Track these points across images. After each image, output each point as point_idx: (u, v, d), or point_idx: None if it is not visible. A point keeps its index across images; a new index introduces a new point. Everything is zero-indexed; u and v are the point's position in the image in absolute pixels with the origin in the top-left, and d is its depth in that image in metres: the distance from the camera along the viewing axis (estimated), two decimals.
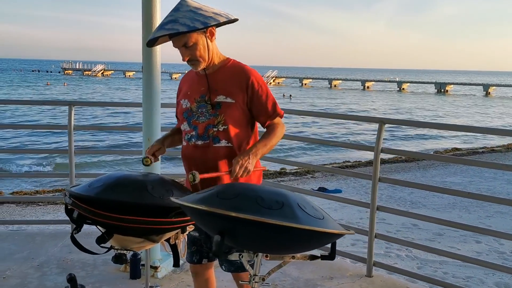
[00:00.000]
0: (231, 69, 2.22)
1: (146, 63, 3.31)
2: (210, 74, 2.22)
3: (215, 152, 2.14)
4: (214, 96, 2.17)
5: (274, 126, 2.23)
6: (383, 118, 3.40)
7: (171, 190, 1.85)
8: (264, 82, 2.24)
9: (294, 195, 1.49)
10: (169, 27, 2.02)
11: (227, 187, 1.58)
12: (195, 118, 2.21)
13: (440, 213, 9.03)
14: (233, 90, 2.16)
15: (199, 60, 2.14)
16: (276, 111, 2.23)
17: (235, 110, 2.16)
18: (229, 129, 2.16)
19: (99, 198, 1.73)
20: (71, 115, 4.06)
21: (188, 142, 2.24)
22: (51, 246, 3.94)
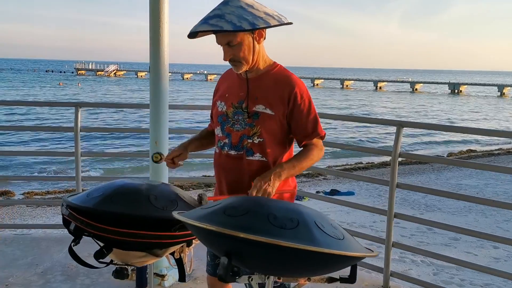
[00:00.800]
0: (275, 76, 2.03)
1: (154, 62, 3.17)
2: (252, 79, 2.03)
3: (248, 165, 1.99)
4: (252, 105, 1.99)
5: (310, 147, 2.03)
6: (401, 121, 3.23)
7: (176, 201, 1.71)
8: (309, 96, 2.04)
9: (311, 211, 1.33)
10: (213, 22, 1.83)
11: (236, 201, 1.42)
12: (230, 125, 2.04)
13: (456, 217, 8.79)
14: (274, 100, 1.98)
15: (242, 62, 1.96)
16: (316, 130, 2.02)
17: (274, 123, 1.99)
18: (264, 143, 1.99)
19: (97, 210, 1.59)
20: (77, 116, 3.94)
21: (221, 150, 2.09)
22: (56, 251, 3.83)
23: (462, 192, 10.91)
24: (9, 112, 27.36)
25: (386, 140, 23.04)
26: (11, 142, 18.53)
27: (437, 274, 5.55)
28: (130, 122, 25.52)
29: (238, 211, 1.27)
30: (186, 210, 1.69)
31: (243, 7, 1.86)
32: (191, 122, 24.79)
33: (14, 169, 13.90)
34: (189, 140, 2.27)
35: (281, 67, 2.08)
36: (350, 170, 14.52)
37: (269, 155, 2.00)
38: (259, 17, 1.86)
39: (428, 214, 8.99)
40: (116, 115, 28.22)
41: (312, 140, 2.03)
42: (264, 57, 2.03)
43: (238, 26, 1.81)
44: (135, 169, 13.20)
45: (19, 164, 14.25)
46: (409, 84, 72.29)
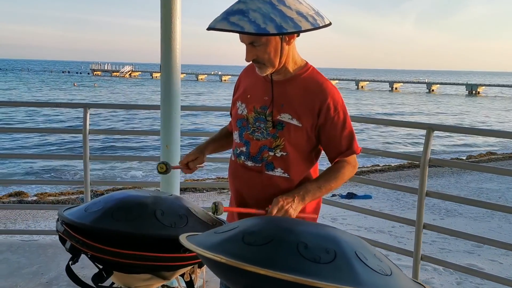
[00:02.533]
0: (306, 82, 1.76)
1: (165, 62, 2.96)
2: (279, 82, 1.77)
3: (268, 180, 1.74)
4: (277, 113, 1.73)
5: (342, 165, 1.78)
6: (431, 124, 2.97)
7: (186, 217, 1.48)
8: (344, 108, 1.76)
9: (349, 238, 1.09)
10: (234, 20, 1.53)
11: (257, 225, 1.17)
12: (250, 131, 1.79)
13: (478, 223, 8.47)
14: (302, 110, 1.72)
15: (266, 65, 1.69)
16: (351, 148, 1.77)
17: (300, 137, 1.74)
18: (288, 158, 1.74)
19: (95, 228, 1.38)
20: (86, 117, 3.76)
21: (237, 158, 1.84)
22: (63, 259, 3.61)
23: (483, 196, 10.56)
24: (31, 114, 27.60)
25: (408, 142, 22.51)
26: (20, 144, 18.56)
27: (461, 283, 5.26)
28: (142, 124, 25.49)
29: (259, 238, 1.02)
30: (197, 227, 1.48)
31: (273, 2, 1.56)
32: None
33: (21, 168, 13.86)
34: (206, 142, 2.03)
35: (314, 70, 1.81)
36: (367, 173, 14.23)
37: (292, 171, 1.76)
38: (289, 17, 1.55)
39: (449, 220, 8.67)
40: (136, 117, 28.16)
41: (346, 158, 1.79)
42: (294, 58, 1.77)
43: (262, 28, 1.51)
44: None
45: (28, 165, 14.20)
46: (426, 85, 71.31)
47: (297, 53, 1.78)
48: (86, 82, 70.14)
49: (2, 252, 3.75)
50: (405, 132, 24.17)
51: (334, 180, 1.74)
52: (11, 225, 8.34)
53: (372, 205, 9.69)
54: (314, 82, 1.76)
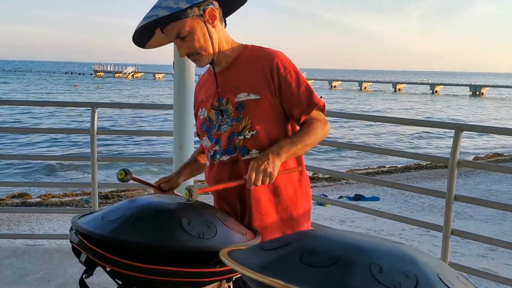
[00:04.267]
0: (249, 56, 1.73)
1: (178, 58, 2.81)
2: (223, 70, 1.75)
3: (246, 168, 1.63)
4: (233, 96, 1.69)
5: (310, 121, 1.70)
6: (460, 123, 2.81)
7: (214, 226, 1.32)
8: (293, 65, 1.71)
9: (427, 258, 0.92)
10: (149, 14, 1.57)
11: (316, 241, 0.96)
12: (216, 128, 1.74)
13: (489, 225, 8.32)
14: (255, 82, 1.68)
15: (201, 53, 1.67)
16: (312, 101, 1.70)
17: (263, 108, 1.67)
18: (259, 135, 1.67)
19: (114, 239, 1.22)
20: (94, 117, 3.62)
21: (212, 160, 1.75)
22: (70, 265, 3.49)
23: (493, 198, 10.39)
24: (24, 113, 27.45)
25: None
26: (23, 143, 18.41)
27: None
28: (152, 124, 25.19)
29: (322, 258, 0.84)
30: (228, 238, 1.32)
31: None
32: None
33: (25, 168, 13.72)
34: (180, 167, 1.96)
35: (254, 46, 1.77)
36: (373, 174, 14.06)
37: (268, 147, 1.65)
38: None
39: (460, 222, 8.50)
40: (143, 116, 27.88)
41: (311, 114, 1.70)
42: (229, 42, 1.75)
43: (175, 8, 1.54)
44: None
45: (33, 165, 14.06)
46: (429, 86, 71.04)
47: (231, 38, 1.76)
48: (89, 83, 70.04)
49: (7, 258, 3.60)
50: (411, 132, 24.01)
51: (306, 135, 1.65)
52: (15, 227, 8.19)
53: (380, 207, 9.52)
54: (257, 52, 1.74)
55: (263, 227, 1.64)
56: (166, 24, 1.61)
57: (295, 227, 1.74)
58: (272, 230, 1.69)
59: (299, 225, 1.76)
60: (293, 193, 1.75)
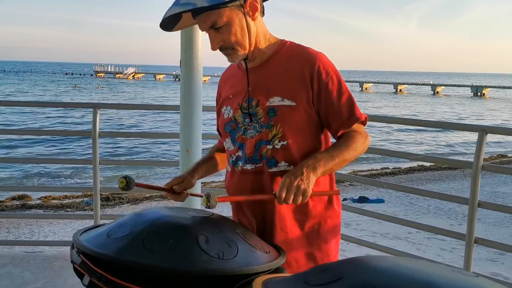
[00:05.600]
0: (287, 55, 1.54)
1: (185, 56, 2.65)
2: (256, 67, 1.56)
3: (272, 180, 1.48)
4: (265, 99, 1.50)
5: (351, 134, 1.52)
6: (484, 126, 2.65)
7: (235, 244, 1.16)
8: (336, 71, 1.52)
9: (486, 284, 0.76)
10: (184, 1, 1.39)
11: (373, 273, 0.78)
12: (241, 132, 1.56)
13: (498, 229, 8.18)
14: (291, 86, 1.49)
15: (235, 48, 1.48)
16: (353, 114, 1.52)
17: (298, 116, 1.49)
18: (290, 146, 1.49)
19: (121, 260, 1.06)
20: (96, 119, 3.46)
21: (234, 167, 1.58)
22: (71, 274, 3.27)
23: (500, 200, 10.24)
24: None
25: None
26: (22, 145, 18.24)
27: None
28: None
29: None
30: (250, 258, 1.16)
31: None
32: None
33: (25, 171, 13.55)
34: (195, 164, 1.76)
35: (292, 43, 1.59)
36: (376, 176, 13.92)
37: (299, 161, 1.48)
38: None
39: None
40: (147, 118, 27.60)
41: (352, 127, 1.53)
42: (267, 36, 1.57)
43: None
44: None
45: (33, 168, 13.90)
46: (430, 86, 70.87)
47: (269, 31, 1.59)
48: (90, 84, 69.80)
49: (5, 266, 3.44)
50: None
51: (346, 150, 1.48)
52: (14, 230, 8.04)
53: (386, 209, 9.38)
54: (297, 52, 1.55)
55: (286, 246, 1.48)
56: (201, 11, 1.42)
57: (322, 246, 1.58)
58: (296, 249, 1.53)
59: (327, 243, 1.59)
60: (323, 211, 1.58)
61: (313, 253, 1.56)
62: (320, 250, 1.57)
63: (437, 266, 0.75)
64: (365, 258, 0.79)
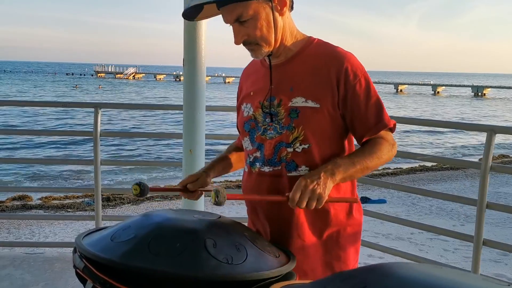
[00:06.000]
0: (313, 53, 1.46)
1: (188, 54, 2.61)
2: (280, 64, 1.49)
3: (290, 185, 1.38)
4: (287, 99, 1.43)
5: (377, 141, 1.44)
6: (493, 126, 2.60)
7: (244, 248, 1.11)
8: (365, 73, 1.45)
9: None
10: None
11: (398, 282, 0.72)
12: (261, 132, 1.49)
13: (501, 229, 8.19)
14: (317, 86, 1.41)
15: (260, 44, 1.41)
16: (381, 120, 1.44)
17: (321, 119, 1.42)
18: (311, 150, 1.43)
19: (126, 265, 1.02)
20: (97, 118, 3.41)
21: (251, 167, 1.51)
22: (72, 275, 3.23)
23: (502, 201, 10.20)
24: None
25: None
26: (21, 145, 18.18)
27: None
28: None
29: None
30: (260, 263, 1.11)
31: None
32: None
33: (25, 172, 13.51)
34: (212, 162, 1.69)
35: (320, 41, 1.51)
36: (378, 176, 13.88)
37: (320, 165, 1.41)
38: None
39: (470, 226, 8.31)
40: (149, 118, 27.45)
41: (379, 134, 1.46)
42: (293, 32, 1.49)
43: None
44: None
45: (32, 169, 13.85)
46: (431, 87, 70.83)
47: (296, 28, 1.50)
48: (90, 84, 69.72)
49: (5, 267, 3.39)
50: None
51: (369, 157, 1.40)
52: (15, 231, 8.00)
53: (388, 210, 9.34)
54: (324, 50, 1.47)
55: (303, 254, 1.42)
56: (226, 3, 1.35)
57: (341, 256, 1.51)
58: (313, 258, 1.47)
59: (345, 252, 1.53)
60: (344, 220, 1.51)
61: (330, 262, 1.49)
62: (339, 260, 1.50)
63: (467, 275, 0.71)
64: (389, 265, 0.75)
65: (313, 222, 1.47)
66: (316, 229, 1.47)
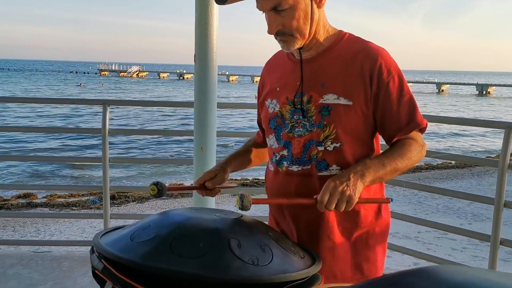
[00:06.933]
0: (345, 48, 1.41)
1: (200, 50, 2.56)
2: (311, 58, 1.43)
3: (321, 185, 1.31)
4: (318, 96, 1.38)
5: (407, 142, 1.39)
6: (511, 123, 2.55)
7: (269, 249, 1.07)
8: (398, 70, 1.39)
9: None
10: None
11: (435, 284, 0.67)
12: (288, 129, 1.43)
13: (508, 227, 8.06)
14: (350, 83, 1.37)
15: (295, 36, 1.34)
16: (414, 120, 1.39)
17: (354, 117, 1.37)
18: (343, 149, 1.38)
19: (148, 266, 0.97)
20: (105, 116, 3.36)
21: (277, 166, 1.46)
22: (80, 274, 3.24)
23: (509, 199, 10.12)
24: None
25: None
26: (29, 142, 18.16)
27: None
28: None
29: None
30: (286, 264, 1.06)
31: None
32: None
33: (33, 169, 13.50)
34: (229, 156, 1.64)
35: (351, 35, 1.46)
36: None
37: (351, 165, 1.36)
38: None
39: (478, 225, 8.26)
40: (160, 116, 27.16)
41: (410, 134, 1.40)
42: (326, 26, 1.43)
43: None
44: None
45: (36, 167, 13.84)
46: (435, 85, 70.57)
47: (328, 22, 1.45)
48: (95, 83, 69.73)
49: (12, 266, 3.36)
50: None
51: (400, 158, 1.34)
52: (20, 229, 7.98)
53: (394, 208, 9.26)
54: (356, 45, 1.41)
55: (332, 255, 1.38)
56: None
57: (370, 257, 1.47)
58: (342, 259, 1.43)
59: (374, 253, 1.49)
60: (374, 220, 1.47)
61: (360, 264, 1.45)
62: (368, 261, 1.46)
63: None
64: (436, 268, 0.70)
65: (343, 223, 1.42)
66: (346, 230, 1.43)
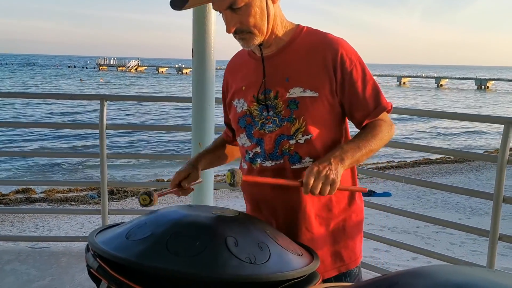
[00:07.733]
0: (305, 41, 1.43)
1: (197, 45, 2.54)
2: (272, 55, 1.44)
3: (295, 178, 1.35)
4: (284, 90, 1.40)
5: (377, 123, 1.43)
6: (510, 118, 2.53)
7: (267, 247, 1.05)
8: (359, 58, 1.42)
9: None
10: None
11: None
12: (259, 126, 1.45)
13: (506, 222, 8.07)
14: (314, 75, 1.39)
15: (253, 32, 1.36)
16: (380, 104, 1.43)
17: (321, 108, 1.39)
18: (313, 140, 1.40)
19: (144, 265, 0.95)
20: (103, 111, 3.35)
21: (251, 164, 1.47)
22: (78, 270, 3.23)
23: (508, 194, 10.14)
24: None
25: None
26: (27, 138, 18.10)
27: None
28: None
29: None
30: (284, 262, 1.05)
31: None
32: None
33: (30, 164, 13.46)
34: (199, 154, 1.64)
35: (309, 28, 1.48)
36: (382, 169, 13.83)
37: (322, 156, 1.37)
38: None
39: (476, 219, 8.28)
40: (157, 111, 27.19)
41: (379, 117, 1.45)
42: (283, 22, 1.45)
43: None
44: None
45: (38, 161, 13.80)
46: (434, 79, 70.55)
47: (285, 17, 1.47)
48: (93, 76, 69.56)
49: (10, 262, 3.35)
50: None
51: (372, 139, 1.39)
52: (18, 224, 7.97)
53: (393, 203, 9.29)
54: (316, 38, 1.44)
55: (312, 246, 1.38)
56: None
57: (349, 244, 1.51)
58: (322, 249, 1.44)
59: (353, 240, 1.52)
60: (347, 207, 1.50)
61: (339, 252, 1.48)
62: (347, 248, 1.50)
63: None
64: (436, 269, 0.69)
65: (319, 213, 1.45)
66: (323, 220, 1.46)
